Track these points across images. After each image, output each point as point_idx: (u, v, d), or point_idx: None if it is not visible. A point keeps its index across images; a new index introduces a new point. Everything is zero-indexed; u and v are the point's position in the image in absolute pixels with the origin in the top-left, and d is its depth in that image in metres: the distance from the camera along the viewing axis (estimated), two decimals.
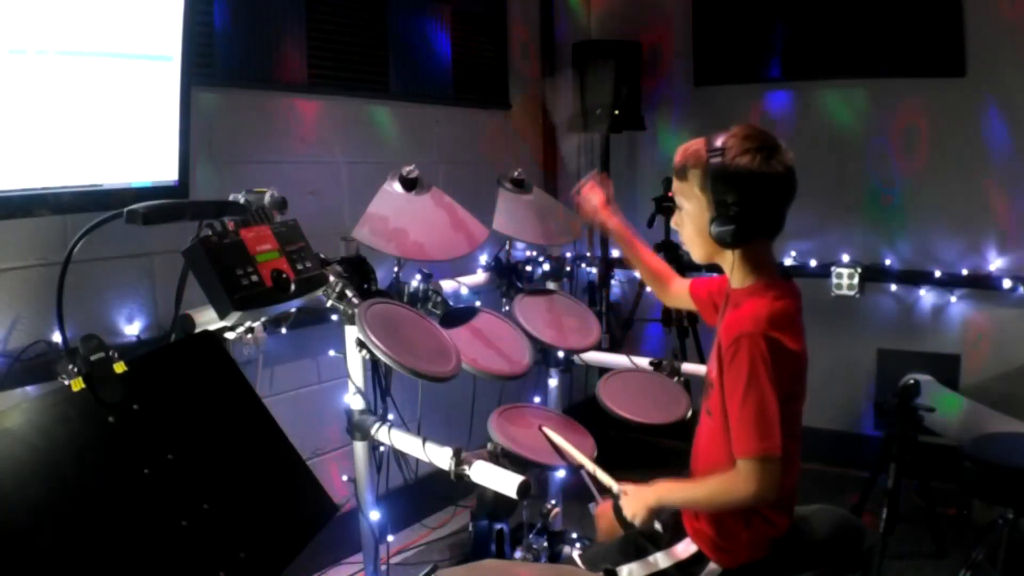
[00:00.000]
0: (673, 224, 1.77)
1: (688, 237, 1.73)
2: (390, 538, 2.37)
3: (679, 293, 2.06)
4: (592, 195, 2.11)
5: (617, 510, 1.75)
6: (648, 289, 3.79)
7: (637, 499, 1.71)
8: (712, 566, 1.70)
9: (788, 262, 3.84)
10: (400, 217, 2.26)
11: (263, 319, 2.09)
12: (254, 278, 1.64)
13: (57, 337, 1.97)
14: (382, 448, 2.15)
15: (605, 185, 2.11)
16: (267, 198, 1.82)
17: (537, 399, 2.73)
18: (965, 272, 3.57)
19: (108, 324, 2.31)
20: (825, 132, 3.75)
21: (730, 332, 1.59)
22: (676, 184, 1.71)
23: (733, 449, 1.58)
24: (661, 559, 1.73)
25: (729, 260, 1.68)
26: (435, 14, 3.45)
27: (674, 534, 1.74)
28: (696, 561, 1.71)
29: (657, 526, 1.70)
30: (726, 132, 1.62)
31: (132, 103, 2.10)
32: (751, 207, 1.59)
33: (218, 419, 1.53)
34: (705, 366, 2.38)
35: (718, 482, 1.62)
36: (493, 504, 2.12)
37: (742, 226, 1.59)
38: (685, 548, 1.72)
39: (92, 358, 1.33)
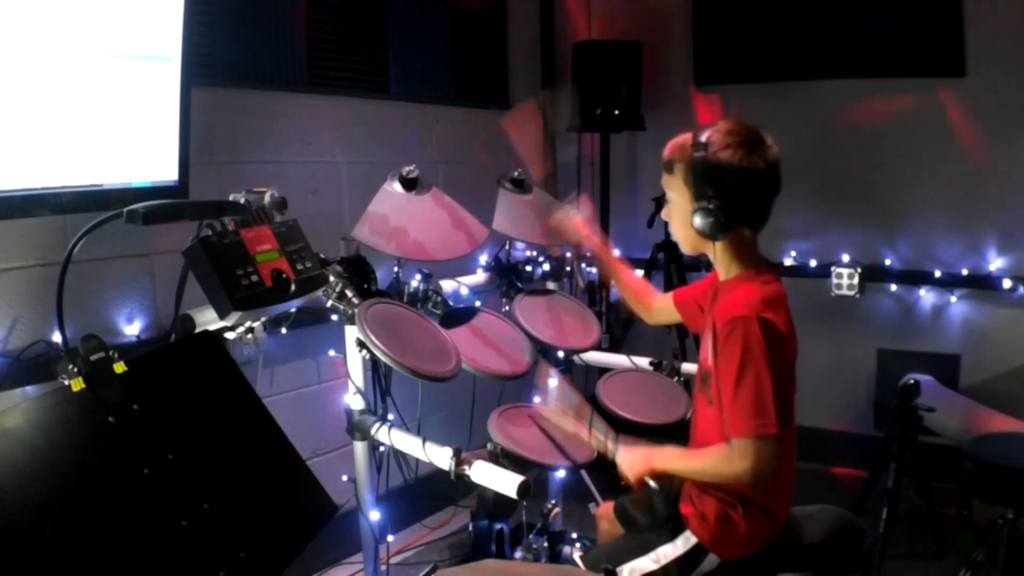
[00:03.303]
0: (663, 216, 1.82)
1: (675, 228, 1.79)
2: (390, 538, 2.37)
3: (661, 307, 2.11)
4: (572, 215, 2.17)
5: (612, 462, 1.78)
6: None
7: (638, 458, 1.74)
8: (711, 558, 1.71)
9: (788, 262, 3.85)
10: (400, 217, 2.26)
11: (263, 319, 2.09)
12: (254, 278, 1.64)
13: (57, 337, 1.97)
14: (382, 448, 2.15)
15: (586, 206, 2.16)
16: (267, 198, 1.82)
17: (537, 399, 2.73)
18: (965, 272, 3.56)
19: (108, 324, 2.31)
20: (825, 132, 3.75)
21: (724, 315, 1.61)
22: (664, 177, 1.76)
23: (727, 429, 1.59)
24: (661, 555, 1.73)
25: (713, 250, 1.73)
26: (435, 14, 3.45)
27: (674, 527, 1.74)
28: (696, 554, 1.72)
29: (652, 484, 1.73)
30: (712, 126, 1.66)
31: (132, 103, 2.10)
32: (731, 200, 1.63)
33: (218, 419, 1.53)
34: None
35: (717, 454, 1.63)
36: (493, 504, 2.13)
37: (722, 218, 1.63)
38: (685, 541, 1.73)
39: (92, 358, 1.33)
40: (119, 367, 1.36)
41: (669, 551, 1.73)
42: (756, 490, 1.66)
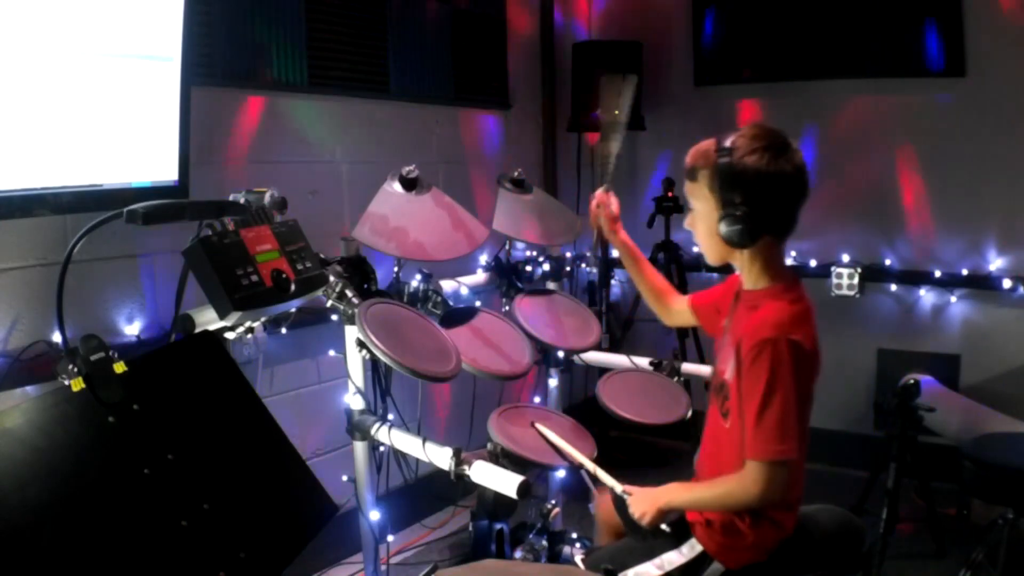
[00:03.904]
0: (686, 225, 1.76)
1: (700, 238, 1.73)
2: (390, 538, 2.37)
3: (679, 308, 2.06)
4: (605, 207, 2.09)
5: (622, 511, 1.75)
6: None
7: (647, 500, 1.71)
8: (715, 566, 1.70)
9: (788, 262, 3.84)
10: (400, 217, 2.26)
11: (263, 319, 2.09)
12: (254, 278, 1.64)
13: (57, 337, 1.97)
14: (382, 448, 2.15)
15: (613, 200, 2.11)
16: (267, 198, 1.81)
17: (537, 399, 2.73)
18: (965, 272, 3.57)
19: (108, 324, 2.31)
20: (825, 131, 3.75)
21: (752, 335, 1.58)
22: (688, 185, 1.71)
23: (746, 450, 1.57)
24: (666, 561, 1.73)
25: (740, 260, 1.69)
26: (435, 14, 3.45)
27: (679, 535, 1.74)
28: (700, 561, 1.71)
29: (664, 527, 1.71)
30: (736, 132, 1.63)
31: (132, 103, 2.10)
32: (758, 206, 1.59)
33: (218, 419, 1.53)
34: (707, 367, 2.39)
35: (727, 484, 1.62)
36: (493, 504, 2.12)
37: (749, 225, 1.59)
38: (690, 549, 1.72)
39: (92, 358, 1.33)
40: (119, 367, 1.36)
41: (674, 557, 1.72)
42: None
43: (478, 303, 2.58)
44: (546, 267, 2.79)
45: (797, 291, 1.67)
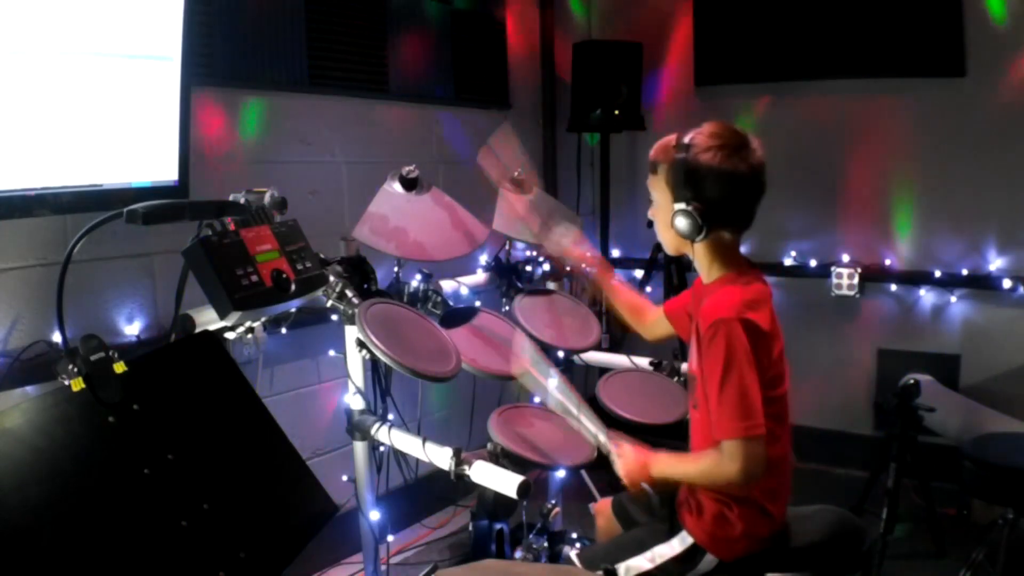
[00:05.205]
0: (649, 215, 1.83)
1: (659, 229, 1.81)
2: (390, 538, 2.37)
3: (656, 319, 2.13)
4: (564, 236, 2.23)
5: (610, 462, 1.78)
6: (648, 290, 3.82)
7: (636, 464, 1.74)
8: (709, 558, 1.71)
9: (788, 262, 3.84)
10: (400, 217, 2.26)
11: (263, 319, 2.09)
12: (254, 278, 1.64)
13: (57, 337, 1.97)
14: (382, 448, 2.15)
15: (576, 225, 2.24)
16: (267, 198, 1.82)
17: (537, 399, 2.73)
18: (965, 272, 3.56)
19: (108, 324, 2.31)
20: (825, 132, 3.75)
21: (707, 318, 1.62)
22: (650, 177, 1.78)
23: (715, 432, 1.60)
24: (657, 554, 1.74)
25: (694, 251, 1.75)
26: (435, 14, 3.45)
27: (671, 527, 1.74)
28: (693, 554, 1.72)
29: (649, 490, 1.73)
30: (697, 128, 1.67)
31: (132, 103, 2.10)
32: (711, 202, 1.64)
33: (218, 419, 1.53)
34: None
35: (709, 460, 1.64)
36: (493, 504, 2.12)
37: (699, 221, 1.64)
38: (681, 542, 1.73)
39: (92, 358, 1.33)
40: (119, 367, 1.36)
41: (665, 550, 1.74)
42: (751, 489, 1.66)
43: (478, 303, 2.58)
44: (546, 267, 2.78)
45: (750, 275, 1.72)
